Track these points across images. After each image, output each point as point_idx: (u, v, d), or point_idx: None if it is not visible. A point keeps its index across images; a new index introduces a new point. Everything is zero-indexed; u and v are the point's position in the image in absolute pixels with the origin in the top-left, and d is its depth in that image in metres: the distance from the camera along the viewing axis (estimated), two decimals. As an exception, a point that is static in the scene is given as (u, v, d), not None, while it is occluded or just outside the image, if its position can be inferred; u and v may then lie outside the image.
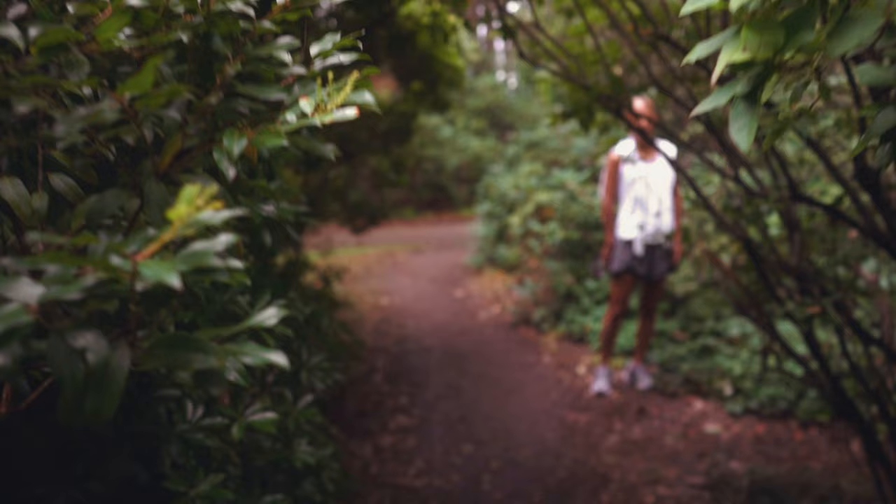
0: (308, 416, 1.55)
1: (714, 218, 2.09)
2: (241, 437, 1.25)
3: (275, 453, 1.51)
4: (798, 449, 3.64)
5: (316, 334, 1.73)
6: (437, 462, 3.52)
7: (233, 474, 1.44)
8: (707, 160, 2.06)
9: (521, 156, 9.36)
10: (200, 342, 0.48)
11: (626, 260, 4.26)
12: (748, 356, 4.36)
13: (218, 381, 0.49)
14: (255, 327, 0.61)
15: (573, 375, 4.81)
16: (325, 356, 1.67)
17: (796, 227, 2.02)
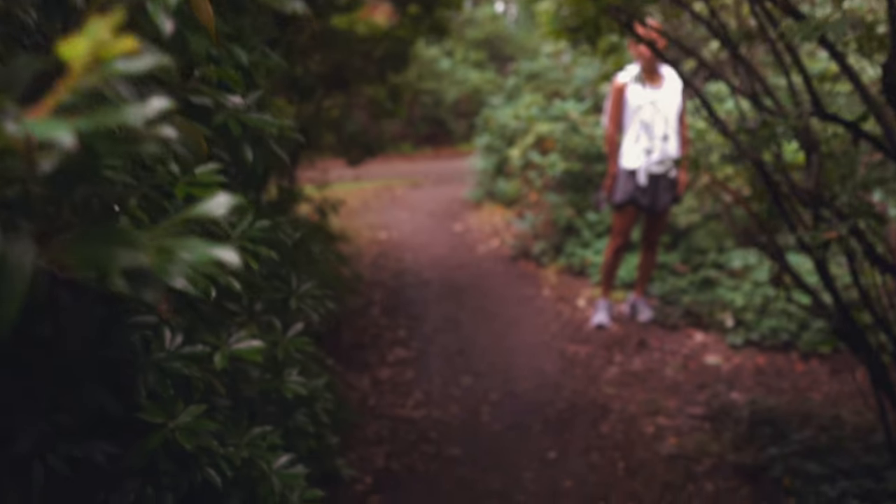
0: (298, 345, 1.47)
1: (729, 139, 1.98)
2: (225, 365, 1.17)
3: (264, 383, 1.44)
4: (799, 380, 3.61)
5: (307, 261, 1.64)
6: (435, 394, 3.50)
7: (219, 405, 1.37)
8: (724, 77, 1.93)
9: (521, 87, 9.10)
10: (126, 234, 0.38)
11: (629, 190, 4.15)
12: (750, 288, 4.30)
13: (152, 283, 0.40)
14: (199, 218, 0.51)
15: (573, 308, 4.76)
16: (316, 283, 1.58)
17: (814, 149, 1.90)
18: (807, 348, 3.88)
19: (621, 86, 4.15)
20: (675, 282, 4.68)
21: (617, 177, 4.23)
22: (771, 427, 2.90)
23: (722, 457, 2.76)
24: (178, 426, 1.06)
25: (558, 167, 5.76)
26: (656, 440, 2.96)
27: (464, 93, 15.59)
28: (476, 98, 15.08)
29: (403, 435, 3.05)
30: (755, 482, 2.57)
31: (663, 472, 2.69)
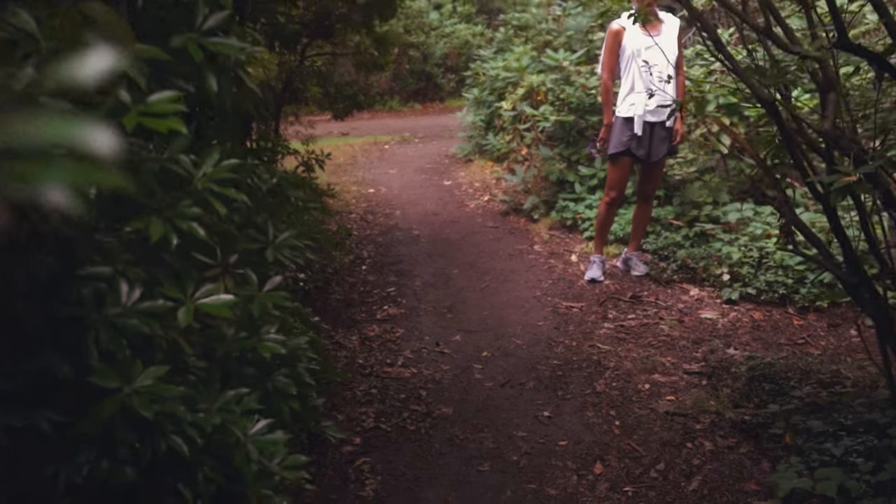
0: (276, 300, 1.34)
1: (740, 79, 1.84)
2: (189, 322, 1.05)
3: (239, 342, 1.32)
4: (796, 335, 3.54)
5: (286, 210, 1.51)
6: (426, 352, 3.40)
7: (190, 367, 1.26)
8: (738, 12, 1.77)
9: (511, 40, 8.84)
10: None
11: (624, 140, 4.00)
12: (746, 242, 4.20)
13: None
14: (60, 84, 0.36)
15: (565, 264, 4.66)
16: (295, 232, 1.45)
17: (831, 87, 1.77)
18: (803, 302, 3.80)
19: (618, 30, 3.98)
20: (669, 236, 4.57)
21: (612, 127, 4.08)
22: (770, 383, 2.82)
23: (720, 414, 2.69)
24: (137, 390, 0.94)
25: (550, 119, 5.59)
26: (653, 397, 2.88)
27: (452, 47, 15.23)
28: (465, 52, 14.74)
29: (393, 394, 2.96)
30: (755, 439, 2.50)
31: (660, 431, 2.62)
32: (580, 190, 5.43)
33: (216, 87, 1.09)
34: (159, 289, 1.06)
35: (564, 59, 5.84)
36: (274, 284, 1.39)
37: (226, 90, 1.15)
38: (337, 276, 4.48)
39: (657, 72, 3.92)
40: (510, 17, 8.98)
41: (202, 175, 1.08)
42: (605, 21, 6.54)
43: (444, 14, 16.03)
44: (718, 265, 4.11)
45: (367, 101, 6.43)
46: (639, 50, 3.93)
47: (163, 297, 1.04)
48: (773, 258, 3.99)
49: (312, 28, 4.84)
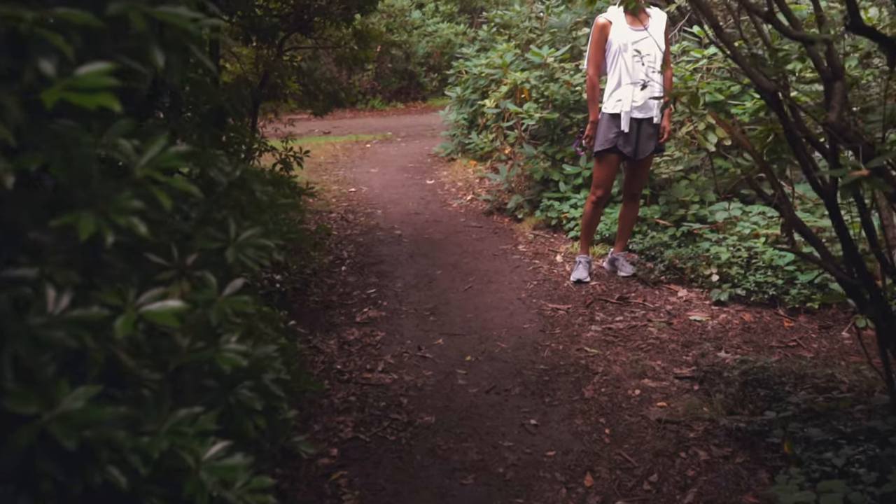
0: (237, 305, 1.20)
1: (741, 68, 1.72)
2: (129, 332, 0.90)
3: (194, 354, 1.17)
4: (787, 337, 3.45)
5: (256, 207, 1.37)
6: (407, 356, 3.26)
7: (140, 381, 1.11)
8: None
9: (493, 38, 8.73)
10: None
11: (611, 137, 3.89)
12: (734, 242, 4.11)
13: None
14: None
15: (551, 264, 4.54)
16: (260, 230, 1.30)
17: (838, 76, 1.66)
18: (794, 304, 3.72)
19: (604, 24, 3.87)
20: (656, 236, 4.47)
21: (598, 123, 3.97)
22: (764, 388, 2.72)
23: (714, 421, 2.58)
24: (61, 416, 0.80)
25: (534, 117, 5.48)
26: (643, 404, 2.77)
27: (435, 46, 15.10)
28: (448, 51, 14.62)
29: (373, 402, 2.82)
30: (751, 448, 2.40)
31: (652, 439, 2.50)
32: (565, 189, 5.33)
33: (162, 62, 0.94)
34: (95, 294, 0.92)
35: (549, 55, 5.73)
36: (235, 288, 1.25)
37: (176, 67, 1.01)
38: (315, 278, 4.32)
39: (649, 62, 3.82)
40: (493, 15, 8.86)
41: (146, 162, 0.94)
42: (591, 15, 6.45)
43: (427, 13, 15.90)
44: (707, 266, 4.02)
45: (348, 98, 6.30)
46: (625, 45, 3.83)
47: (98, 303, 0.90)
48: (763, 258, 3.90)
49: (291, 21, 4.69)
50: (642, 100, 3.83)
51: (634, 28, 3.83)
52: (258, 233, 1.33)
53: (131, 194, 0.90)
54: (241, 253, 1.27)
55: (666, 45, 3.90)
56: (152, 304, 0.96)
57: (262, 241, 1.30)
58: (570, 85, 5.56)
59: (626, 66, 3.84)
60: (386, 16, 14.61)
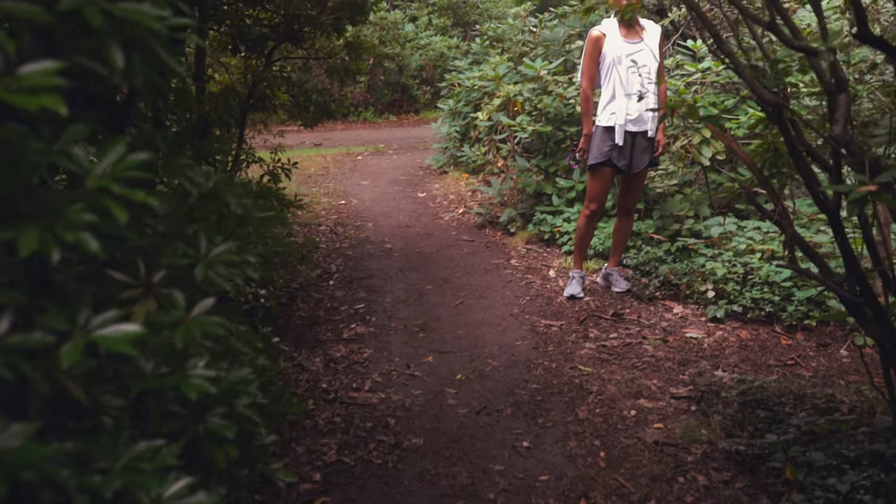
0: (207, 327, 1.11)
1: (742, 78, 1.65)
2: (76, 360, 0.81)
3: (157, 379, 1.08)
4: (785, 355, 3.38)
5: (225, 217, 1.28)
6: (395, 375, 3.17)
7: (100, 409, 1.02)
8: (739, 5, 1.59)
9: (486, 51, 8.69)
10: None
11: (605, 151, 3.83)
12: (730, 258, 4.04)
13: None
14: None
15: (543, 279, 4.46)
16: (234, 245, 1.22)
17: (842, 88, 1.59)
18: (791, 321, 3.64)
19: (598, 36, 3.81)
20: (650, 251, 4.40)
21: (592, 136, 3.91)
22: (763, 409, 2.64)
23: (713, 444, 2.50)
24: (-7, 456, 0.71)
25: (527, 129, 5.42)
26: (639, 425, 2.68)
27: (428, 59, 15.09)
28: (440, 64, 14.62)
29: (359, 423, 2.72)
30: (752, 473, 2.31)
31: (649, 463, 2.41)
32: (558, 203, 5.26)
33: (122, 63, 0.86)
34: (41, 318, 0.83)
35: (542, 68, 5.68)
36: (205, 308, 1.16)
37: (139, 69, 0.92)
38: (302, 292, 4.23)
39: (645, 73, 3.77)
40: (486, 28, 8.83)
41: (101, 172, 0.85)
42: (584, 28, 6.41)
43: (420, 26, 15.90)
44: (702, 281, 3.94)
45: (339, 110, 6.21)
46: (620, 57, 3.77)
47: (43, 328, 0.81)
48: (759, 274, 3.83)
49: (281, 31, 4.62)
50: (637, 113, 3.77)
51: (629, 40, 3.78)
52: (231, 248, 1.24)
53: (82, 207, 0.81)
54: (211, 270, 1.18)
55: (660, 59, 3.84)
56: (106, 329, 0.87)
57: (234, 258, 1.21)
58: (563, 98, 5.50)
59: (620, 78, 3.78)
60: (379, 28, 14.61)
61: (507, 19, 9.41)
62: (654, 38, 3.81)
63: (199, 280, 1.14)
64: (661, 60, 3.85)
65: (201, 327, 1.12)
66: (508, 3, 18.00)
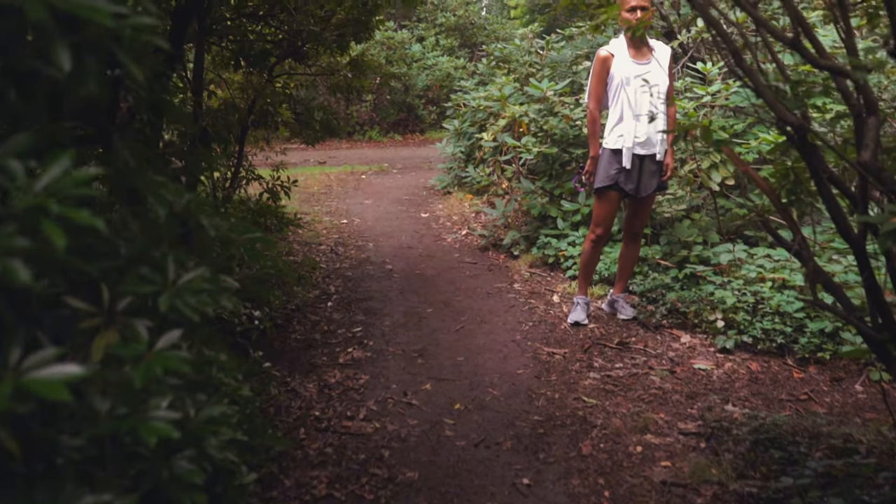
0: (170, 363, 1.00)
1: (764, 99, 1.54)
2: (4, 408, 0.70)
3: (111, 423, 0.97)
4: (797, 389, 3.24)
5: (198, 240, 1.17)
6: (391, 403, 3.04)
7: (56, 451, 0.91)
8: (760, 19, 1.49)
9: (493, 72, 8.64)
10: None
11: (612, 174, 3.72)
12: (740, 286, 3.92)
13: None
14: None
15: (547, 304, 4.33)
16: (206, 271, 1.10)
17: (872, 110, 1.48)
18: (804, 353, 3.51)
19: (606, 57, 3.72)
20: (657, 277, 4.27)
21: (598, 159, 3.80)
22: (777, 449, 2.50)
23: (724, 485, 2.35)
24: None
25: (532, 151, 5.32)
26: (646, 462, 2.54)
27: (434, 79, 15.09)
28: (447, 85, 14.62)
29: (351, 454, 2.59)
30: (766, 518, 2.17)
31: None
32: (563, 226, 5.15)
33: (68, 65, 0.75)
34: (-36, 357, 0.72)
35: (548, 89, 5.60)
36: (170, 341, 1.04)
37: (92, 73, 0.82)
38: (299, 314, 4.11)
39: (645, 103, 3.67)
40: (492, 49, 8.78)
41: (41, 188, 0.74)
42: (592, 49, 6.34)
43: (427, 46, 15.94)
44: (711, 310, 3.81)
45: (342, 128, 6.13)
46: (628, 78, 3.68)
47: (-36, 370, 0.70)
48: (770, 304, 3.70)
49: (284, 47, 4.55)
50: (645, 135, 3.67)
51: (638, 61, 3.69)
52: (204, 274, 1.12)
53: (13, 230, 0.70)
54: (179, 299, 1.06)
55: (670, 81, 3.75)
56: (41, 370, 0.75)
57: (206, 286, 1.10)
58: (569, 119, 5.42)
59: (628, 99, 3.68)
60: (386, 48, 14.63)
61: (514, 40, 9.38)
62: (663, 59, 3.72)
63: (162, 310, 1.02)
64: (670, 83, 3.76)
65: (164, 363, 1.01)
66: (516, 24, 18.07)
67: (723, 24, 1.48)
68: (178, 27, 2.93)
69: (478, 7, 19.20)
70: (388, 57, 14.60)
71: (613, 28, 5.93)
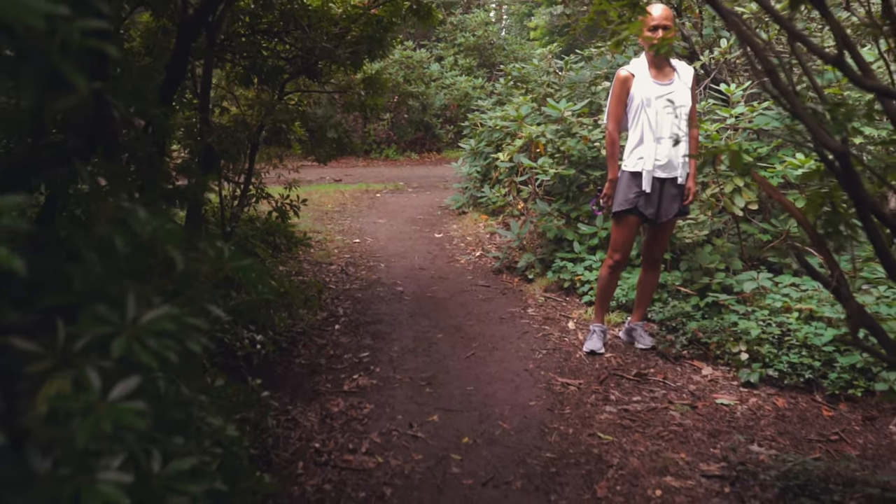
0: (122, 418, 0.87)
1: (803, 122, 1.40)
2: None
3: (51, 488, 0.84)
4: (827, 429, 3.05)
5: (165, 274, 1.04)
6: (396, 435, 2.89)
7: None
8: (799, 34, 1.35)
9: (511, 92, 8.54)
10: None
11: (631, 198, 3.58)
12: (765, 316, 3.74)
13: None
14: None
15: (562, 331, 4.18)
16: (174, 310, 0.98)
17: (924, 137, 1.34)
18: (833, 389, 3.32)
19: (626, 77, 3.59)
20: (677, 305, 4.10)
21: (617, 182, 3.66)
22: (808, 497, 2.32)
23: (751, 537, 2.18)
24: None
25: (549, 172, 5.19)
26: (666, 509, 2.37)
27: (452, 98, 15.05)
28: (465, 104, 14.57)
29: (351, 492, 2.44)
30: (798, 578, 1.99)
31: (678, 558, 2.10)
32: (579, 249, 4.99)
33: None
34: None
35: (566, 109, 5.48)
36: (126, 391, 0.92)
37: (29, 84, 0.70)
38: (305, 337, 3.98)
39: (667, 125, 3.53)
40: (510, 68, 8.69)
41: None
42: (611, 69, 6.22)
43: (446, 66, 15.92)
44: (735, 342, 3.63)
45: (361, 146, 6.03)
46: (649, 99, 3.54)
47: None
48: (796, 336, 3.52)
49: (298, 64, 4.47)
50: (666, 158, 3.53)
51: (659, 81, 3.56)
52: (171, 313, 1.00)
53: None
54: (137, 342, 0.93)
55: (692, 103, 3.61)
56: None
57: (170, 326, 0.97)
58: (587, 140, 5.28)
59: (649, 121, 3.54)
60: (404, 67, 14.63)
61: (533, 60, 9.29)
62: (686, 80, 3.58)
63: (114, 356, 0.89)
64: (693, 105, 3.62)
65: (115, 417, 0.88)
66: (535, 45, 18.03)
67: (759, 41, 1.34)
68: (184, 41, 2.85)
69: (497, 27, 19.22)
70: (407, 76, 14.60)
71: (634, 49, 5.81)
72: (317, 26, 4.37)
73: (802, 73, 3.15)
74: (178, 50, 2.85)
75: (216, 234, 4.03)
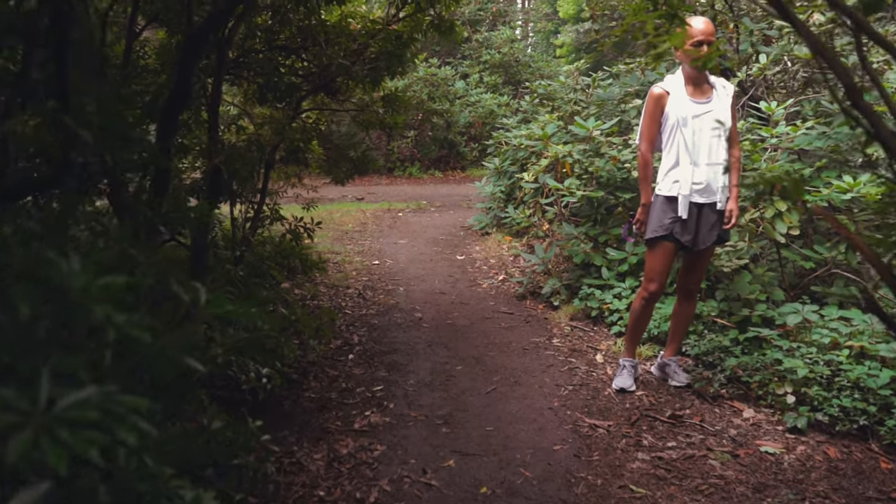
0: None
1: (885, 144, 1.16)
2: None
3: None
4: (887, 484, 2.74)
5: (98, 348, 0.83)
6: (408, 482, 2.65)
7: None
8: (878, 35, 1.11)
9: (536, 109, 8.33)
10: None
11: (666, 223, 3.32)
12: (813, 353, 3.44)
13: None
14: None
15: (589, 365, 3.91)
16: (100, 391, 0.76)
17: None
18: (892, 438, 3.01)
19: (660, 94, 3.35)
20: (714, 338, 3.81)
21: (650, 206, 3.41)
22: (875, 572, 2.03)
23: None
24: None
25: (576, 193, 4.95)
26: (710, 581, 2.10)
27: (477, 116, 14.87)
28: (490, 122, 14.38)
29: (354, 552, 2.21)
30: None
31: None
32: (608, 276, 4.73)
33: None
34: None
35: (594, 128, 5.24)
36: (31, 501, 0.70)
37: None
38: (316, 367, 3.77)
39: (704, 146, 3.28)
40: (535, 86, 8.48)
41: None
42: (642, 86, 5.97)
43: (471, 83, 15.77)
44: (779, 382, 3.34)
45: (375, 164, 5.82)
46: (685, 118, 3.29)
47: None
48: (848, 376, 3.22)
49: (315, 82, 4.30)
50: (705, 181, 3.27)
51: (696, 100, 3.31)
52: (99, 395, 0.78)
53: None
54: (45, 437, 0.72)
55: (733, 122, 3.35)
56: None
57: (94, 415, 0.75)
58: (617, 161, 5.03)
59: (685, 142, 3.29)
60: (429, 84, 14.49)
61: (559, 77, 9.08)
62: (726, 98, 3.33)
63: (10, 461, 0.68)
64: (733, 124, 3.36)
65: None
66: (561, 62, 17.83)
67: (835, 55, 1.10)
68: (189, 55, 2.67)
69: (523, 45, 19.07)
70: (431, 93, 14.45)
71: (666, 65, 5.56)
72: (334, 42, 4.20)
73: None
74: (184, 64, 2.67)
75: (226, 257, 3.85)
